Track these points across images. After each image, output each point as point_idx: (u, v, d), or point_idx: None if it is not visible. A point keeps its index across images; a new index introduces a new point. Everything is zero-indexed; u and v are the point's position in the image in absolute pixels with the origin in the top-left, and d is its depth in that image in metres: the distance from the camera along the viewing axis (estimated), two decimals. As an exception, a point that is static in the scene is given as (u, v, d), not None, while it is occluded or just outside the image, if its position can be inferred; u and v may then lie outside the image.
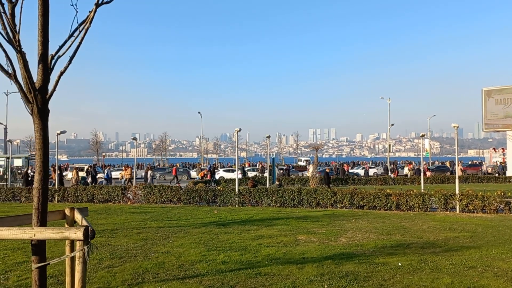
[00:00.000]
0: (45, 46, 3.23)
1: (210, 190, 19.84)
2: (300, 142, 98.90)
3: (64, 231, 2.81)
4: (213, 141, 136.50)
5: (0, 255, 8.56)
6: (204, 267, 7.61)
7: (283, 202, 18.11)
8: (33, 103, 3.23)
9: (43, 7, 3.09)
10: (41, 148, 3.23)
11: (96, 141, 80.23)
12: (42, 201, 3.21)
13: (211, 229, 11.90)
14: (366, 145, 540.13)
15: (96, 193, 20.79)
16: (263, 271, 7.26)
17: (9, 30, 3.08)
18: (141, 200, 20.21)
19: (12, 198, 21.71)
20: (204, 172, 38.00)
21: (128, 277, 6.93)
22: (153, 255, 8.53)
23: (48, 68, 3.26)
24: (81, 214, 3.84)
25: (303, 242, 9.99)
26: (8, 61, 3.13)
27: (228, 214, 15.64)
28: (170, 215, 15.46)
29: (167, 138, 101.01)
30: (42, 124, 3.26)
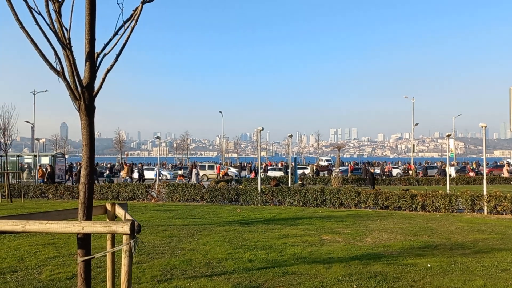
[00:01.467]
0: (92, 44, 3.30)
1: (233, 189, 19.91)
2: (321, 142, 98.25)
3: (112, 225, 2.86)
4: (234, 140, 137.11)
5: (32, 250, 8.77)
6: (231, 264, 7.64)
7: (306, 201, 18.03)
8: (80, 100, 3.30)
9: (90, 5, 3.16)
10: (87, 144, 3.31)
11: (120, 140, 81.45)
12: (88, 195, 3.28)
13: (235, 228, 11.94)
14: (388, 145, 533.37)
15: (121, 190, 21.13)
16: (290, 270, 7.25)
17: (57, 29, 3.16)
18: (165, 198, 20.44)
19: (40, 195, 22.24)
20: (225, 171, 38.16)
21: (157, 273, 7.02)
22: (180, 252, 8.61)
23: (95, 66, 3.33)
24: (123, 209, 3.91)
25: (328, 242, 9.93)
26: (57, 59, 3.21)
27: (251, 213, 15.67)
28: (194, 213, 15.58)
29: (188, 137, 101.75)
30: (88, 121, 3.34)
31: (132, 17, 3.39)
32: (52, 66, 3.25)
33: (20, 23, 3.11)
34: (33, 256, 8.29)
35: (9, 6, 3.05)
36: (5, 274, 6.92)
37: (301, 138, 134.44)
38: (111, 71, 3.37)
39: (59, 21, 3.19)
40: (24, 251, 8.67)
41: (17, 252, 8.62)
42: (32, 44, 3.14)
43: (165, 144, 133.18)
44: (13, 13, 3.08)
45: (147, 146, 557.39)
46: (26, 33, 3.13)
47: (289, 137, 27.17)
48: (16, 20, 3.11)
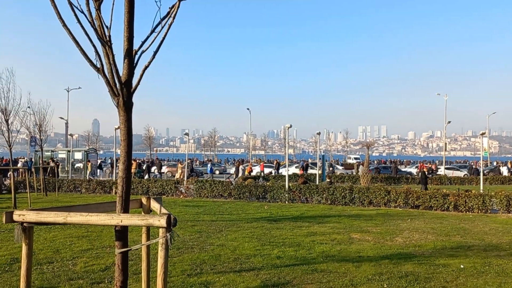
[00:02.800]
0: (131, 41, 3.38)
1: (260, 186, 19.96)
2: (349, 140, 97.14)
3: (149, 218, 2.93)
4: (261, 137, 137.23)
5: (67, 242, 9.06)
6: (259, 261, 7.67)
7: (334, 199, 17.89)
8: (119, 96, 3.39)
9: (129, 4, 3.24)
10: (125, 139, 3.40)
11: (149, 136, 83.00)
12: (126, 189, 3.37)
13: (263, 224, 11.97)
14: (419, 144, 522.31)
15: (150, 186, 21.52)
16: (319, 268, 7.22)
17: (97, 26, 3.26)
18: (193, 194, 20.68)
19: (73, 189, 22.91)
20: (250, 168, 38.27)
21: (187, 267, 7.13)
22: (209, 248, 8.71)
23: (133, 63, 3.42)
24: (158, 203, 3.99)
25: (357, 241, 9.83)
26: (97, 56, 3.31)
27: (279, 210, 15.67)
28: (222, 209, 15.72)
29: (216, 134, 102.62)
30: (126, 116, 3.43)
31: (169, 14, 3.45)
32: (92, 63, 3.35)
33: (62, 21, 3.22)
34: (68, 248, 8.56)
35: (52, 5, 3.16)
36: (42, 265, 7.18)
37: (329, 135, 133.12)
38: (148, 67, 3.45)
39: (99, 19, 3.29)
40: (59, 243, 8.97)
41: (53, 243, 8.92)
42: (74, 41, 3.25)
43: (193, 140, 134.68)
44: (55, 12, 3.19)
45: (175, 142, 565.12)
46: (68, 31, 3.24)
47: (317, 135, 27.01)
48: (59, 18, 3.22)
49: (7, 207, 15.37)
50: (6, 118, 15.69)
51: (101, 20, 3.31)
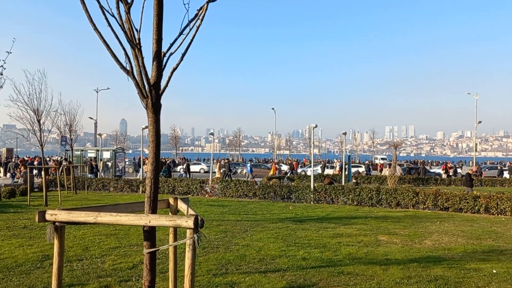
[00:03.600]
0: (159, 44, 3.42)
1: (285, 186, 19.88)
2: (376, 140, 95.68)
3: (176, 219, 2.96)
4: (285, 137, 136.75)
5: (96, 240, 9.25)
6: (284, 262, 7.64)
7: (360, 201, 17.65)
8: (148, 98, 3.44)
9: (158, 6, 3.28)
10: (154, 140, 3.44)
11: (175, 135, 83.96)
12: (154, 190, 3.41)
13: (288, 225, 11.92)
14: (448, 144, 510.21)
15: (176, 185, 21.76)
16: (346, 270, 7.13)
17: (127, 29, 3.31)
18: (218, 193, 20.79)
19: (102, 188, 23.39)
20: (275, 167, 38.17)
21: (212, 267, 7.16)
22: (234, 247, 8.73)
23: (161, 65, 3.45)
24: (185, 203, 4.03)
25: (384, 243, 9.66)
26: (127, 59, 3.36)
27: (304, 210, 15.58)
28: (247, 209, 15.74)
29: (240, 134, 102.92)
30: (155, 118, 3.47)
31: (197, 17, 3.47)
32: (122, 65, 3.40)
33: (93, 24, 3.29)
34: (96, 245, 8.74)
35: (84, 9, 3.23)
36: (72, 262, 7.35)
37: (355, 135, 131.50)
38: (176, 69, 3.48)
39: (129, 22, 3.33)
40: (88, 241, 9.16)
41: (82, 241, 9.12)
42: (104, 44, 3.31)
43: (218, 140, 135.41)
44: (87, 16, 3.25)
45: (201, 142, 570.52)
46: (99, 34, 3.30)
47: (343, 135, 26.71)
48: (90, 22, 3.28)
49: (38, 205, 15.84)
50: (38, 118, 16.14)
51: (130, 23, 3.35)
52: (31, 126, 16.29)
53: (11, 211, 14.06)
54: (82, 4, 3.19)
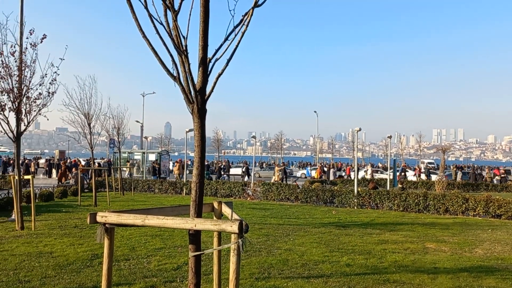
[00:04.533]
0: (205, 50, 3.48)
1: (328, 190, 19.63)
2: (423, 143, 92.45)
3: (221, 224, 2.99)
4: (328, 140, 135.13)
5: (142, 241, 9.51)
6: (328, 268, 7.52)
7: (407, 206, 17.11)
8: (194, 104, 3.50)
9: (204, 14, 3.34)
10: (199, 145, 3.50)
11: (217, 138, 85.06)
12: (199, 194, 3.47)
13: (331, 230, 11.74)
14: (500, 148, 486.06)
15: (219, 187, 22.01)
16: (391, 278, 6.92)
17: (174, 36, 3.39)
18: (260, 196, 20.84)
19: (147, 189, 24.06)
20: (319, 171, 37.78)
21: (255, 270, 7.17)
22: (276, 251, 8.70)
23: (207, 71, 3.51)
24: (229, 207, 4.06)
25: (432, 251, 9.31)
26: (174, 65, 3.45)
27: (347, 215, 15.30)
28: (289, 213, 15.67)
29: (282, 137, 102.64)
30: (200, 123, 3.53)
31: (242, 22, 3.50)
32: (169, 72, 3.48)
33: (142, 32, 3.39)
34: (142, 246, 8.98)
35: (133, 17, 3.33)
36: (119, 262, 7.58)
37: (401, 138, 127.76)
38: (221, 75, 3.52)
39: (176, 29, 3.41)
40: (135, 241, 9.43)
41: (129, 241, 9.40)
42: (153, 51, 3.40)
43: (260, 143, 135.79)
44: (136, 24, 3.36)
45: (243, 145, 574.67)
46: (147, 41, 3.40)
47: (388, 138, 26.06)
48: (139, 30, 3.39)
49: (88, 205, 16.50)
50: (88, 121, 16.84)
51: (178, 30, 3.43)
52: (82, 129, 17.03)
53: (63, 211, 14.73)
54: (132, 13, 3.30)
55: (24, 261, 7.55)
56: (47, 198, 17.71)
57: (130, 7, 3.31)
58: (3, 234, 10.15)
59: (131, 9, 3.31)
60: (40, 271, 6.90)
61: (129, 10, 3.28)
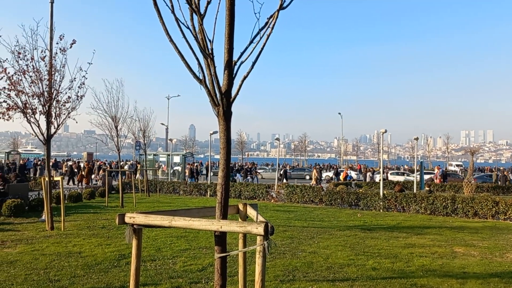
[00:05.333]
0: (230, 53, 3.52)
1: (353, 192, 19.41)
2: (450, 145, 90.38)
3: (247, 225, 3.00)
4: (352, 142, 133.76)
5: (168, 242, 9.63)
6: (353, 271, 7.44)
7: (434, 209, 16.75)
8: (219, 106, 3.54)
9: (230, 17, 3.37)
10: (224, 147, 3.53)
11: (241, 141, 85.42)
12: (225, 196, 3.50)
13: (356, 233, 11.61)
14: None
15: (242, 189, 22.07)
16: (419, 282, 6.79)
17: (200, 40, 3.44)
18: (284, 199, 20.78)
19: (172, 191, 24.35)
20: (345, 173, 37.39)
21: (279, 273, 7.15)
22: (301, 254, 8.66)
23: (232, 74, 3.54)
24: (254, 209, 4.08)
25: (461, 255, 9.08)
26: (200, 68, 3.50)
27: (373, 218, 15.10)
28: (313, 215, 15.57)
29: (306, 139, 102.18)
30: (226, 125, 3.56)
31: (267, 25, 3.51)
32: (195, 75, 3.53)
33: (169, 36, 3.45)
34: (168, 247, 9.09)
35: (160, 22, 3.40)
36: (146, 262, 7.70)
37: (428, 140, 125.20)
38: (247, 78, 3.55)
39: (202, 33, 3.46)
40: (161, 242, 9.56)
41: (155, 242, 9.53)
42: (179, 55, 3.46)
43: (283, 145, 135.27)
44: (163, 28, 3.42)
45: (266, 147, 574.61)
46: (174, 45, 3.46)
47: (415, 140, 25.58)
48: (166, 35, 3.45)
49: (115, 206, 16.82)
50: (115, 124, 17.20)
51: (204, 34, 3.47)
52: (109, 131, 17.40)
53: (91, 212, 15.06)
54: (159, 17, 3.36)
55: (54, 260, 7.76)
56: (76, 199, 18.15)
57: (157, 12, 3.37)
58: (34, 234, 10.46)
59: (158, 14, 3.38)
60: (70, 271, 7.07)
61: (156, 15, 3.35)
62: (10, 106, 10.55)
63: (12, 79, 10.49)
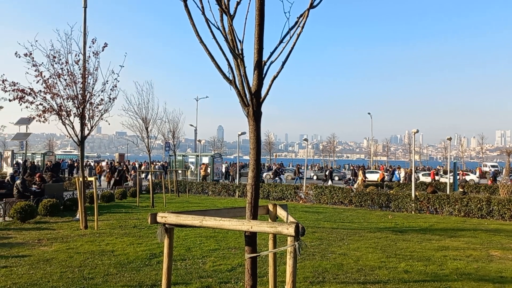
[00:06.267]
0: (260, 53, 3.52)
1: (383, 194, 19.08)
2: (485, 145, 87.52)
3: (277, 226, 2.99)
4: (382, 142, 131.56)
5: (197, 241, 9.72)
6: (385, 274, 7.30)
7: (468, 211, 16.25)
8: (249, 107, 3.55)
9: (260, 17, 3.38)
10: (254, 147, 3.54)
11: (269, 141, 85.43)
12: (255, 196, 3.51)
13: (387, 235, 11.40)
14: None
15: (271, 190, 22.05)
16: (453, 286, 6.60)
17: (230, 41, 3.46)
18: (312, 200, 20.64)
19: (201, 191, 24.59)
20: (383, 174, 36.46)
21: (309, 274, 7.10)
22: (331, 256, 8.57)
23: (262, 74, 3.55)
24: (284, 210, 4.07)
25: (497, 259, 8.77)
26: (230, 69, 3.52)
27: (404, 220, 14.79)
28: (342, 216, 15.39)
29: (335, 139, 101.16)
30: (255, 126, 3.57)
31: (297, 24, 3.50)
32: (225, 75, 3.55)
33: (199, 38, 3.49)
34: (198, 247, 9.18)
35: (191, 23, 3.44)
36: (176, 262, 7.79)
37: (461, 140, 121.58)
38: (276, 77, 3.54)
39: (232, 33, 3.47)
40: (190, 242, 9.66)
41: (185, 242, 9.64)
42: (209, 56, 3.48)
43: (312, 146, 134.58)
44: (194, 29, 3.46)
45: (294, 148, 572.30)
46: (204, 46, 3.49)
47: (448, 140, 24.90)
48: (197, 36, 3.49)
49: (146, 206, 17.12)
50: (146, 126, 17.54)
51: (233, 34, 3.48)
52: (140, 133, 17.75)
53: (123, 211, 15.39)
54: (189, 19, 3.40)
55: (88, 259, 7.96)
56: (108, 199, 18.58)
57: (188, 14, 3.41)
58: (69, 233, 10.77)
59: (189, 16, 3.41)
60: (103, 269, 7.24)
61: (187, 17, 3.38)
62: (46, 109, 10.90)
63: (48, 82, 10.84)
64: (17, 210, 12.11)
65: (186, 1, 3.42)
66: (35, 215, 12.69)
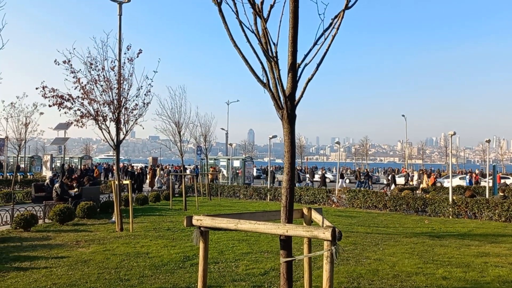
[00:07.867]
0: (294, 56, 3.51)
1: (419, 198, 18.57)
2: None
3: (313, 230, 2.96)
4: (417, 145, 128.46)
5: (230, 245, 9.75)
6: (422, 280, 7.09)
7: (509, 217, 15.59)
8: (283, 109, 3.54)
9: (294, 19, 3.36)
10: (289, 150, 3.52)
11: (300, 145, 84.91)
12: (289, 200, 3.48)
13: (424, 240, 11.07)
14: None
15: (303, 194, 21.88)
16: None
17: (263, 44, 3.46)
18: (345, 203, 20.34)
19: (232, 195, 24.69)
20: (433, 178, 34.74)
21: (343, 279, 6.98)
22: (365, 261, 8.40)
23: (296, 76, 3.53)
24: (319, 214, 4.02)
25: (543, 267, 8.34)
26: (264, 72, 3.52)
27: (442, 225, 14.34)
28: (377, 221, 15.08)
29: (367, 142, 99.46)
30: (290, 128, 3.55)
31: (332, 25, 3.45)
32: (259, 78, 3.54)
33: (233, 41, 3.50)
34: (230, 250, 9.20)
35: (225, 27, 3.46)
36: (209, 265, 7.80)
37: (500, 143, 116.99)
38: (311, 80, 3.50)
39: (265, 36, 3.47)
40: (223, 245, 9.70)
41: (218, 245, 9.69)
42: (243, 59, 3.49)
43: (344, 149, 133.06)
44: (228, 33, 3.48)
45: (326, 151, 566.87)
46: (238, 50, 3.50)
47: (486, 142, 24.04)
48: (231, 39, 3.51)
49: (179, 209, 17.34)
50: (179, 130, 17.79)
51: (267, 37, 3.48)
52: (172, 137, 18.02)
53: (157, 214, 15.64)
54: (223, 23, 3.42)
55: (124, 260, 8.12)
56: (143, 202, 18.94)
57: (222, 17, 3.43)
58: (105, 235, 11.03)
59: (223, 19, 3.44)
60: (138, 271, 7.37)
61: (221, 21, 3.41)
62: (83, 114, 11.25)
63: (85, 88, 11.18)
64: (56, 212, 12.52)
65: (221, 5, 3.44)
66: (73, 217, 13.09)
